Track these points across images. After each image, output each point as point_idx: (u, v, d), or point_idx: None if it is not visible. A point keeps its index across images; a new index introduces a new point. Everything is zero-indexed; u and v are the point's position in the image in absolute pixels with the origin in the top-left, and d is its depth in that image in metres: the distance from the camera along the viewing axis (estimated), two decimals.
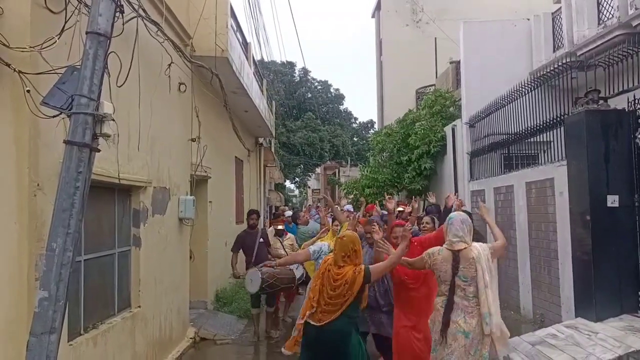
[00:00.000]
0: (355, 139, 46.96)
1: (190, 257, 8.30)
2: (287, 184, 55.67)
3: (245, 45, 10.35)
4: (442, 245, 4.23)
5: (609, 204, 5.99)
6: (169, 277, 6.30)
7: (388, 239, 4.96)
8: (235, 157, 11.59)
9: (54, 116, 3.08)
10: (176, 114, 6.80)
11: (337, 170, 43.35)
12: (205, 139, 8.22)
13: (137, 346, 5.17)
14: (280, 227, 8.47)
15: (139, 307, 5.28)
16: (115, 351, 4.61)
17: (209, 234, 8.56)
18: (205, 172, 7.53)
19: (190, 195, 7.17)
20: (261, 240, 7.72)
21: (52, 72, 3.22)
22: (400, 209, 8.24)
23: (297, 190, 61.12)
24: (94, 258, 4.51)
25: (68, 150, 2.89)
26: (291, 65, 46.62)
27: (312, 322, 3.98)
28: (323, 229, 7.62)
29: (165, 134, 6.26)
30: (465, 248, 4.04)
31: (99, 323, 4.49)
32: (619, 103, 6.19)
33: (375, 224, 5.14)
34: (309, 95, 45.21)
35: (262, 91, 13.18)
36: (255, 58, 12.05)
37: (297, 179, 52.03)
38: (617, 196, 5.98)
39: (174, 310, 6.54)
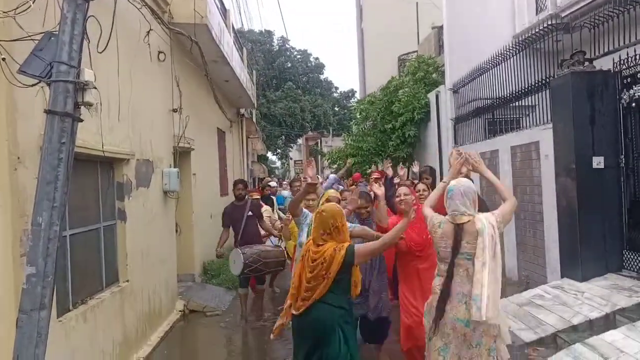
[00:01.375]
0: (336, 108, 46.65)
1: (177, 231, 8.26)
2: (269, 155, 55.47)
3: (225, 12, 10.07)
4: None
5: (594, 166, 6.04)
6: (156, 251, 6.22)
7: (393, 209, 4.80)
8: (218, 128, 11.42)
9: (32, 85, 2.92)
10: (157, 83, 6.62)
11: (319, 140, 43.23)
12: (187, 109, 8.05)
13: (126, 320, 5.12)
14: (256, 196, 7.92)
15: (127, 281, 5.21)
16: (105, 326, 4.56)
17: (193, 206, 8.45)
18: (189, 143, 7.38)
19: (174, 167, 7.04)
20: (250, 213, 7.02)
21: (28, 38, 3.05)
22: (376, 175, 8.18)
23: (279, 162, 60.96)
24: (80, 233, 4.41)
25: (49, 121, 2.75)
26: (269, 34, 45.84)
27: (293, 311, 3.48)
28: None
29: (146, 105, 6.10)
30: (469, 221, 3.32)
31: (88, 298, 4.42)
32: (605, 64, 6.18)
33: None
34: (289, 65, 44.63)
35: (242, 60, 12.92)
36: (235, 26, 11.77)
37: (278, 150, 51.80)
38: (603, 158, 6.02)
39: (163, 284, 6.49)
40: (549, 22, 7.92)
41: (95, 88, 2.95)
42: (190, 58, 7.92)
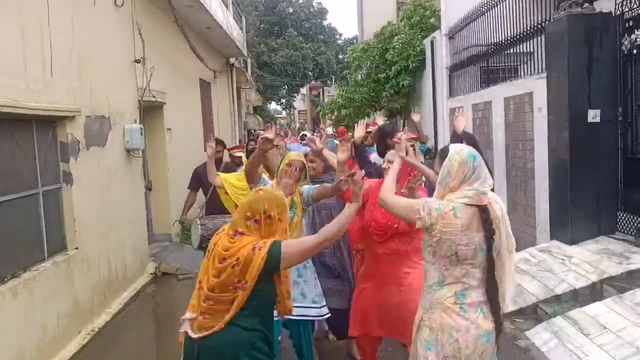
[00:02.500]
0: (340, 56, 45.38)
1: (150, 189, 7.89)
2: (273, 105, 54.63)
3: None
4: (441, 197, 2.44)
5: (589, 119, 5.50)
6: (117, 213, 5.84)
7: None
8: (200, 79, 10.84)
9: None
10: (114, 32, 6.07)
11: (321, 90, 42.31)
12: (159, 60, 7.52)
13: (77, 290, 4.79)
14: (238, 154, 6.76)
15: (77, 249, 4.85)
16: (46, 299, 4.22)
17: (168, 163, 8.03)
18: (154, 97, 6.86)
19: (139, 123, 6.58)
20: None
21: None
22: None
23: (284, 112, 60.14)
24: (10, 200, 4.00)
25: None
26: None
27: (190, 332, 2.37)
28: None
29: (101, 55, 5.58)
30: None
31: (21, 272, 4.05)
32: (606, 6, 5.54)
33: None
34: (290, 10, 43.19)
35: (226, 6, 12.18)
36: None
37: (282, 100, 50.97)
38: (599, 110, 5.47)
39: (128, 247, 6.15)
40: None
41: None
42: (158, 3, 7.29)
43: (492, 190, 2.48)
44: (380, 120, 6.11)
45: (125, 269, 6.01)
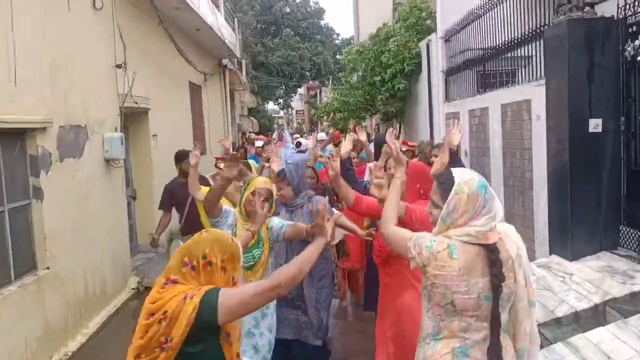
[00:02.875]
0: (337, 56, 45.13)
1: (134, 198, 7.62)
2: (270, 105, 54.38)
3: None
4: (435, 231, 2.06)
5: (591, 129, 5.21)
6: (96, 225, 5.58)
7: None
8: (190, 82, 10.56)
9: None
10: (93, 36, 5.80)
11: (318, 90, 42.02)
12: (143, 64, 7.25)
13: (50, 312, 4.52)
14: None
15: (48, 268, 4.57)
16: (11, 324, 3.95)
17: (154, 170, 7.75)
18: (136, 103, 6.58)
19: (120, 131, 6.30)
20: None
21: None
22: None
23: (282, 111, 59.92)
24: None
25: None
26: None
27: None
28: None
29: (77, 61, 5.31)
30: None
31: None
32: (608, 10, 5.28)
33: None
34: (287, 10, 42.94)
35: (217, 6, 11.90)
36: None
37: (280, 100, 50.73)
38: (601, 120, 5.20)
39: (108, 260, 5.87)
40: None
41: None
42: (144, 6, 7.01)
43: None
44: (363, 135, 5.69)
45: (104, 284, 5.73)
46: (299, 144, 8.11)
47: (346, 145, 4.09)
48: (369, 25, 16.85)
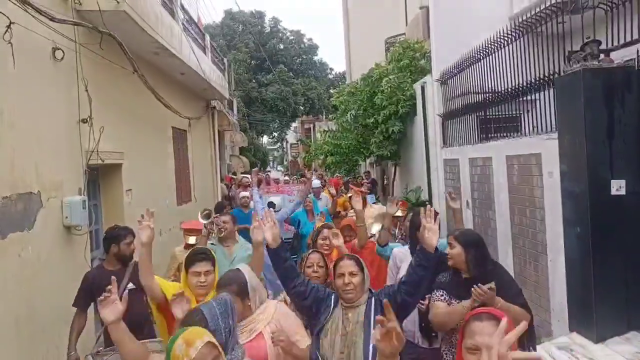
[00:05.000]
0: (331, 90, 45.12)
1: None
2: (265, 139, 54.04)
3: None
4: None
5: (613, 192, 4.59)
6: (50, 306, 4.85)
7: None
8: (173, 127, 9.97)
9: None
10: (51, 90, 5.18)
11: (312, 124, 41.65)
12: (115, 117, 6.65)
13: None
14: (191, 240, 5.31)
15: None
16: None
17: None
18: (102, 160, 5.92)
19: (84, 192, 5.64)
20: (131, 285, 4.24)
21: None
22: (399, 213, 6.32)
23: (277, 145, 59.67)
24: None
25: None
26: (260, 15, 44.23)
27: None
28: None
29: (29, 118, 4.68)
30: None
31: None
32: (627, 56, 4.72)
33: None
34: (281, 47, 43.05)
35: (204, 49, 11.41)
36: (187, 10, 10.22)
37: (274, 133, 50.43)
38: (624, 181, 4.58)
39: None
40: (552, 1, 6.40)
41: None
42: (112, 54, 6.42)
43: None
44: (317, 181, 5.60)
45: None
46: (271, 205, 7.39)
47: (337, 241, 3.78)
48: (360, 64, 16.47)
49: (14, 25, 4.21)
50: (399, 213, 6.26)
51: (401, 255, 4.45)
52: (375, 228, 5.67)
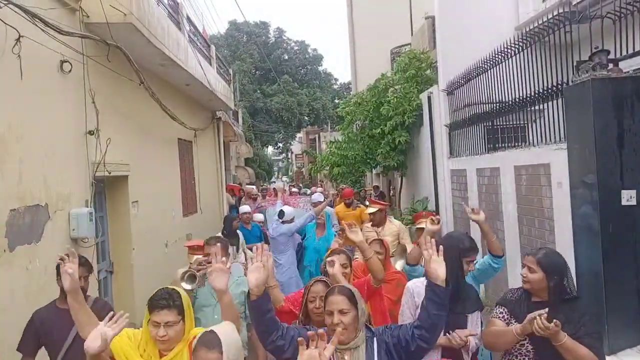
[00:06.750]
0: (336, 100, 45.20)
1: (111, 272, 6.90)
2: (270, 150, 54.09)
3: (175, 6, 8.59)
4: None
5: (624, 202, 4.55)
6: None
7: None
8: (179, 139, 9.98)
9: None
10: (59, 102, 5.20)
11: (317, 135, 41.70)
12: (122, 128, 6.67)
13: None
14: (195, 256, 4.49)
15: None
16: None
17: (133, 241, 7.03)
18: (109, 172, 5.93)
19: (92, 203, 5.64)
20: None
21: None
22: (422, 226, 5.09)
23: (282, 155, 59.75)
24: None
25: None
26: (265, 25, 44.44)
27: None
28: None
29: (37, 130, 4.69)
30: None
31: None
32: (635, 66, 4.71)
33: None
34: (286, 57, 43.21)
35: (210, 60, 11.46)
36: (193, 21, 10.28)
37: (279, 144, 50.44)
38: (635, 191, 4.54)
39: None
40: (558, 11, 6.39)
41: None
42: (119, 66, 6.45)
43: None
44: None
45: None
46: (282, 214, 7.32)
47: (336, 268, 3.52)
48: (366, 74, 16.50)
49: (22, 39, 4.24)
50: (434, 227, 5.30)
51: (419, 290, 3.40)
52: (399, 264, 4.97)
